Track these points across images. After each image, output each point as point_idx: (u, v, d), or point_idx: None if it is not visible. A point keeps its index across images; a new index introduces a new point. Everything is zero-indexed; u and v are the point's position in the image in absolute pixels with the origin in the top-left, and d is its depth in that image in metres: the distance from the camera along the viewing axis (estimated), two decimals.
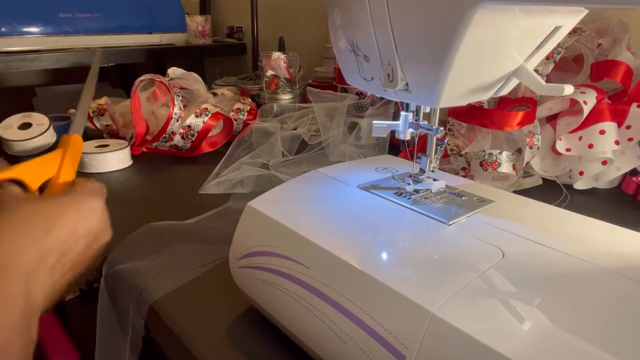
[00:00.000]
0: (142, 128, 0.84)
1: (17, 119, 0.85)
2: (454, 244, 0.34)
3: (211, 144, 0.88)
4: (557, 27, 0.32)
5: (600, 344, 0.23)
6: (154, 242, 0.53)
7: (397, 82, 0.36)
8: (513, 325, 0.25)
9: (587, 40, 0.71)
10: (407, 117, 0.41)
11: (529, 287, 0.28)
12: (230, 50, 1.55)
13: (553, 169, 0.71)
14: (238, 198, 0.63)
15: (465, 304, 0.26)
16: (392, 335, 0.27)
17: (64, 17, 1.17)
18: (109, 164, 0.77)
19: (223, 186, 0.67)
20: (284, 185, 0.45)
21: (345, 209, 0.39)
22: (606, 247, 0.33)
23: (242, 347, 0.37)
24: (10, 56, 1.06)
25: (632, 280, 0.29)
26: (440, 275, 0.30)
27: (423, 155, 0.42)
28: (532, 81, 0.33)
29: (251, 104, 0.95)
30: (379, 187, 0.43)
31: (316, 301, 0.32)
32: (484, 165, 0.65)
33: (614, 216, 0.61)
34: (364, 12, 0.35)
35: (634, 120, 0.65)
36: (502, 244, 0.33)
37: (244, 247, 0.38)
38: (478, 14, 0.28)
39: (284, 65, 0.95)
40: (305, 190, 0.43)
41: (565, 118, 0.69)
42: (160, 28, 1.36)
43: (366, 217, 0.38)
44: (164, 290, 0.44)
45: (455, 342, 0.25)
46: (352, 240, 0.34)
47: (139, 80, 0.84)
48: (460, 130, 0.71)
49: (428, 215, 0.37)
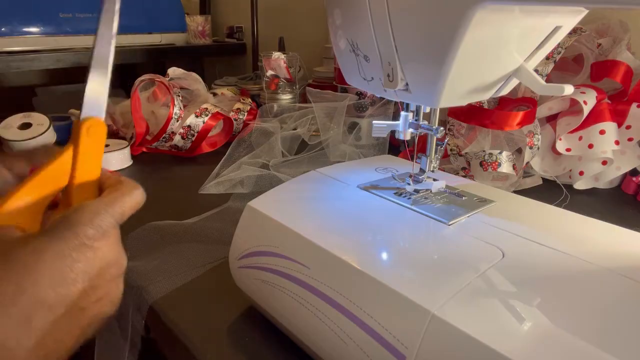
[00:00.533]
0: (142, 128, 0.84)
1: (17, 119, 0.85)
2: (454, 244, 0.34)
3: (211, 144, 0.88)
4: (557, 27, 0.32)
5: (600, 344, 0.23)
6: (154, 242, 0.53)
7: (397, 82, 0.36)
8: (513, 325, 0.25)
9: (587, 40, 0.71)
10: (407, 117, 0.41)
11: (529, 287, 0.28)
12: (230, 50, 1.55)
13: (553, 169, 0.71)
14: (238, 198, 0.63)
15: (465, 304, 0.26)
16: (392, 335, 0.27)
17: (64, 17, 1.16)
18: (109, 164, 0.77)
19: (223, 186, 0.67)
20: (284, 185, 0.45)
21: (345, 209, 0.39)
22: (606, 247, 0.33)
23: (242, 347, 0.37)
24: (10, 56, 1.06)
25: (632, 280, 0.29)
26: (440, 275, 0.30)
27: (423, 155, 0.42)
28: (532, 81, 0.33)
29: (251, 104, 0.95)
30: (379, 187, 0.43)
31: (316, 301, 0.32)
32: (484, 165, 0.65)
33: (614, 216, 0.61)
34: (364, 12, 0.35)
35: (634, 120, 0.65)
36: (502, 244, 0.33)
37: (244, 247, 0.38)
38: (478, 14, 0.28)
39: (284, 65, 0.95)
40: (305, 190, 0.43)
41: (565, 118, 0.69)
42: (160, 28, 1.36)
43: (366, 217, 0.38)
44: (164, 290, 0.44)
45: (455, 342, 0.25)
46: (352, 240, 0.34)
47: (139, 80, 0.84)
48: (460, 130, 0.71)
49: (428, 215, 0.37)
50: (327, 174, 0.46)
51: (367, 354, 0.28)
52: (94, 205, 0.26)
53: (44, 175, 0.27)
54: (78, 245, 0.24)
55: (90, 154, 0.28)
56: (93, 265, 0.25)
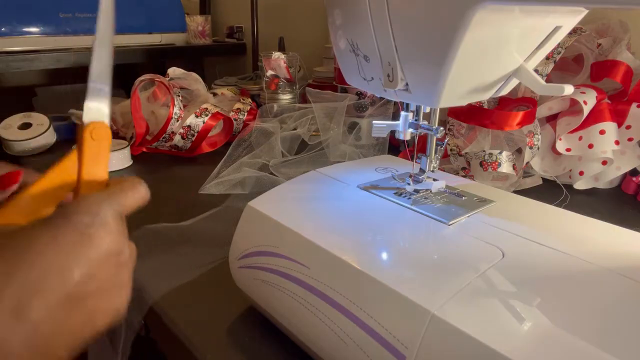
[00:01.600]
0: (142, 128, 0.84)
1: (17, 119, 0.85)
2: (453, 244, 0.34)
3: (211, 144, 0.88)
4: (557, 27, 0.32)
5: (600, 344, 0.23)
6: (154, 242, 0.53)
7: (397, 82, 0.36)
8: (513, 325, 0.25)
9: (587, 40, 0.71)
10: (407, 117, 0.41)
11: (529, 287, 0.28)
12: (230, 50, 1.55)
13: (553, 169, 0.71)
14: (238, 198, 0.63)
15: (465, 304, 0.26)
16: (392, 335, 0.27)
17: (64, 17, 1.17)
18: (109, 164, 0.77)
19: (223, 186, 0.67)
20: (284, 185, 0.45)
21: (345, 209, 0.39)
22: (606, 247, 0.33)
23: (242, 347, 0.37)
24: (10, 56, 1.06)
25: (632, 280, 0.29)
26: (440, 275, 0.30)
27: (423, 155, 0.42)
28: (532, 81, 0.33)
29: (251, 104, 0.95)
30: (378, 187, 0.43)
31: (316, 301, 0.32)
32: (484, 165, 0.65)
33: (614, 216, 0.61)
34: (364, 12, 0.35)
35: (634, 120, 0.65)
36: (502, 244, 0.33)
37: (244, 247, 0.38)
38: (478, 14, 0.28)
39: (284, 65, 0.95)
40: (305, 190, 0.43)
41: (565, 118, 0.69)
42: (160, 28, 1.36)
43: (366, 217, 0.38)
44: (164, 290, 0.44)
45: (455, 342, 0.25)
46: (352, 240, 0.34)
47: (139, 80, 0.84)
48: (460, 130, 0.71)
49: (428, 215, 0.37)
50: (327, 174, 0.46)
51: (367, 354, 0.28)
52: (92, 196, 0.26)
53: (49, 179, 0.27)
54: (72, 231, 0.24)
55: (95, 158, 0.28)
56: (89, 253, 0.24)
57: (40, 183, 0.26)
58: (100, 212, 0.25)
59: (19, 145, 0.82)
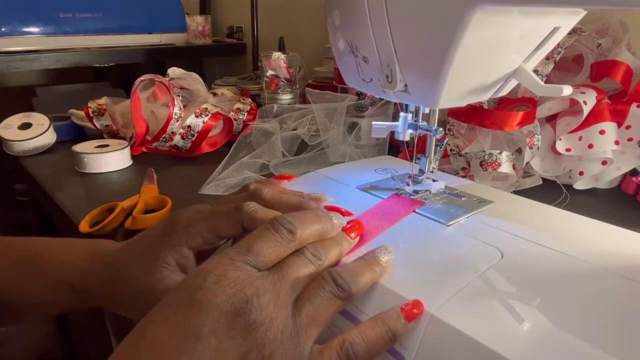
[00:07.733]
0: (142, 128, 0.84)
1: (17, 119, 0.85)
2: (453, 244, 0.34)
3: (211, 144, 0.88)
4: (556, 28, 0.32)
5: (599, 344, 0.23)
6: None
7: (396, 83, 0.36)
8: (512, 326, 0.25)
9: (587, 40, 0.71)
10: (407, 117, 0.41)
11: (529, 287, 0.28)
12: (230, 50, 1.55)
13: (553, 169, 0.71)
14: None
15: (464, 305, 0.27)
16: None
17: (64, 17, 1.17)
18: (109, 164, 0.77)
19: (222, 187, 0.67)
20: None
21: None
22: (606, 247, 0.33)
23: None
24: (10, 56, 1.06)
25: (632, 280, 0.29)
26: (439, 276, 0.30)
27: (422, 156, 0.42)
28: (531, 82, 0.33)
29: (251, 104, 0.95)
30: (378, 188, 0.43)
31: None
32: (484, 166, 0.65)
33: (614, 216, 0.61)
34: (362, 14, 0.35)
35: (634, 120, 0.65)
36: (501, 244, 0.33)
37: None
38: (477, 15, 0.28)
39: (284, 65, 0.95)
40: (305, 192, 0.43)
41: (565, 118, 0.69)
42: (160, 28, 1.36)
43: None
44: None
45: (454, 342, 0.25)
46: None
47: (139, 80, 0.84)
48: (460, 130, 0.71)
49: (427, 216, 0.38)
50: (327, 175, 0.46)
51: None
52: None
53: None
54: (176, 303, 0.24)
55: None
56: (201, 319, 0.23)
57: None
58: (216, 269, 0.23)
59: (19, 145, 0.82)
